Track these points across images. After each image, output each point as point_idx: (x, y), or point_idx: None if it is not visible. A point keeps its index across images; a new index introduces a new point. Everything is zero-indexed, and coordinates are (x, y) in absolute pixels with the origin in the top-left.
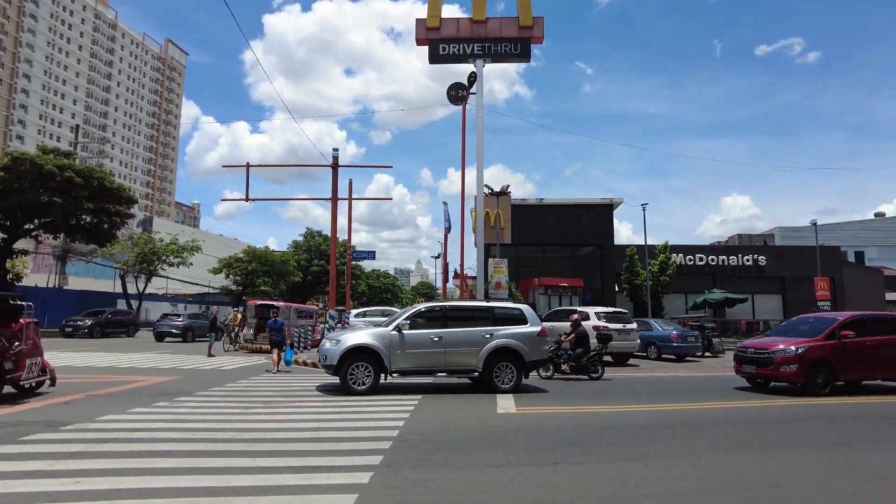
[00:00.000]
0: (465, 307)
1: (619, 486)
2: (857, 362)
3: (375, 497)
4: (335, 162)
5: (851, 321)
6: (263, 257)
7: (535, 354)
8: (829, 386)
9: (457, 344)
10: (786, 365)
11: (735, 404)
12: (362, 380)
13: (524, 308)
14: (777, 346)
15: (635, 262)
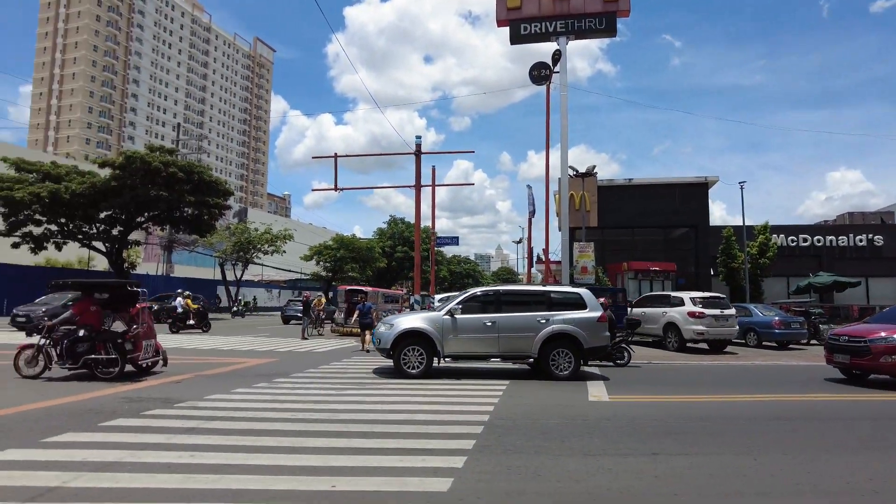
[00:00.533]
0: (519, 291)
1: (724, 480)
2: None
3: (471, 482)
4: (418, 149)
5: None
6: (350, 244)
7: (594, 341)
8: None
9: (510, 329)
10: (887, 355)
11: (840, 397)
12: (415, 363)
13: (583, 292)
14: (877, 333)
15: (732, 244)
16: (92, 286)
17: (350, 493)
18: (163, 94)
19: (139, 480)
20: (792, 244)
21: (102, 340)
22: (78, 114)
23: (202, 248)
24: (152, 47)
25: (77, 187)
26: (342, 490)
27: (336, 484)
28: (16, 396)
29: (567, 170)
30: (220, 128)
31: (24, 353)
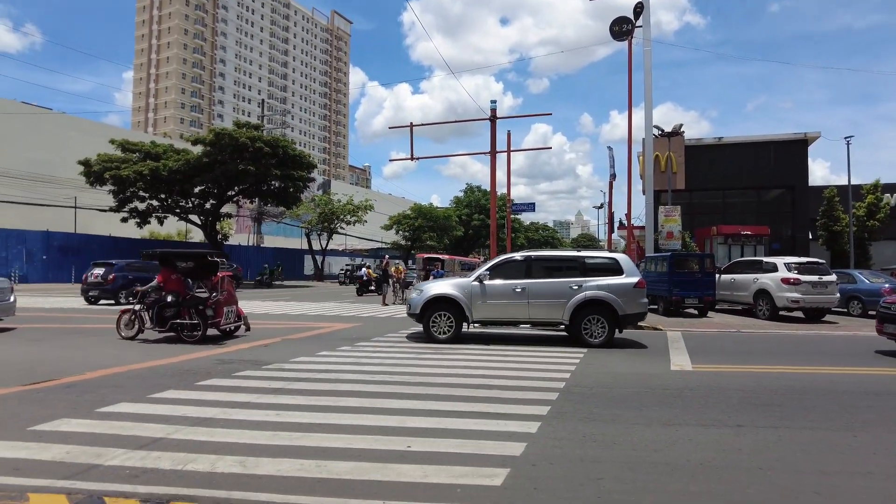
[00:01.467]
0: (552, 257)
1: (818, 457)
2: None
3: (544, 447)
4: (493, 114)
5: None
6: (428, 213)
7: (630, 307)
8: None
9: (541, 295)
10: None
11: None
12: (444, 328)
13: (620, 257)
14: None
15: (835, 206)
16: (175, 256)
17: (424, 454)
18: (247, 71)
19: (231, 436)
20: None
21: (187, 306)
22: (173, 95)
23: (289, 219)
24: (236, 27)
25: (174, 164)
26: (417, 450)
27: (412, 444)
28: (124, 356)
29: (651, 130)
30: (303, 102)
31: (123, 317)
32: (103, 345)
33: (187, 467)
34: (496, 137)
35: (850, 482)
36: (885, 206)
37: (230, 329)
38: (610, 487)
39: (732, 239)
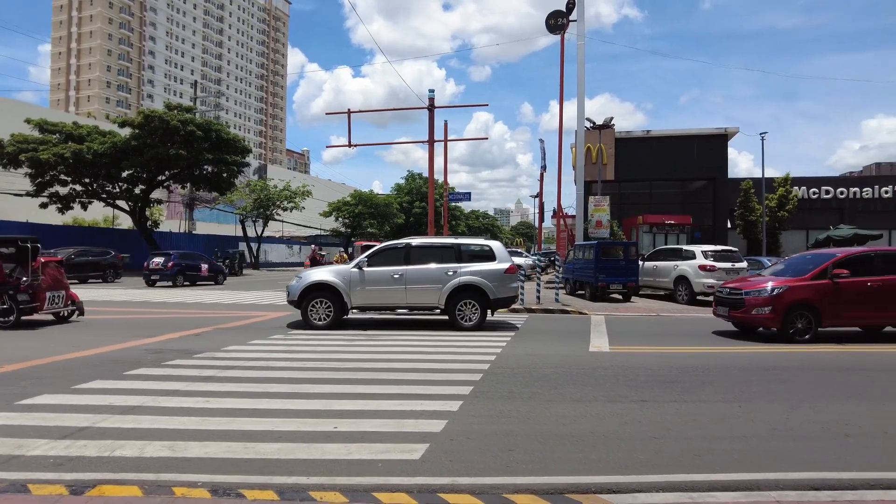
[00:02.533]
0: (430, 244)
1: (706, 425)
2: (852, 305)
3: (463, 424)
4: (431, 103)
5: (851, 258)
6: (369, 200)
7: (501, 292)
8: (812, 332)
9: (418, 281)
10: (758, 307)
11: (837, 349)
12: (322, 315)
13: (493, 244)
14: (754, 285)
15: (751, 197)
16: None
17: (349, 434)
18: (180, 50)
19: (160, 422)
20: (813, 196)
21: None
22: (97, 73)
23: (223, 205)
24: (167, 2)
25: (99, 147)
26: (343, 431)
27: (338, 425)
28: (45, 347)
29: (583, 122)
30: (238, 83)
31: None
32: (18, 337)
33: (115, 454)
34: (434, 126)
35: (728, 445)
36: (794, 198)
37: (64, 314)
38: (519, 458)
39: (657, 228)
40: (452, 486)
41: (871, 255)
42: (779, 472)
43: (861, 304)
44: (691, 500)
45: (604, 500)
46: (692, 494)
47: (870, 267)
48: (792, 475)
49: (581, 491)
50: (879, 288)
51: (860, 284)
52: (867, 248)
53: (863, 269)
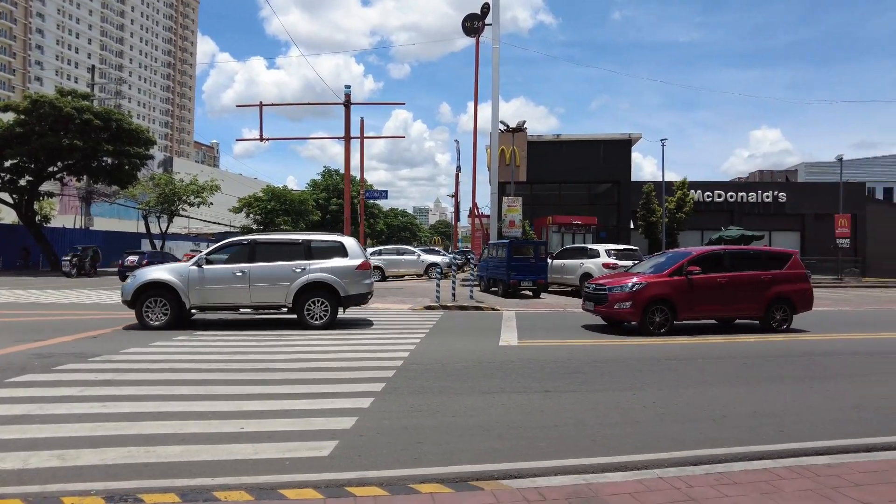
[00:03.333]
0: (276, 240)
1: (605, 412)
2: (704, 300)
3: (373, 420)
4: (347, 99)
5: (703, 256)
6: (282, 196)
7: (353, 289)
8: (668, 325)
9: (263, 279)
10: (620, 302)
11: (741, 339)
12: (158, 315)
13: (345, 240)
14: (617, 282)
15: (652, 199)
16: None
17: (257, 433)
18: (73, 30)
19: (48, 430)
20: (707, 199)
21: None
22: None
23: (124, 199)
24: None
25: None
26: (250, 431)
27: (245, 426)
28: None
29: (498, 125)
30: (142, 70)
31: None
32: None
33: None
34: (351, 122)
35: (622, 430)
36: (690, 200)
37: None
38: (427, 450)
39: (565, 228)
40: (360, 480)
41: (720, 253)
42: (664, 452)
43: (712, 298)
44: (586, 481)
45: (505, 486)
46: (587, 476)
47: (720, 264)
48: (675, 454)
49: (484, 478)
50: (727, 283)
51: (711, 281)
52: (718, 247)
53: (714, 267)
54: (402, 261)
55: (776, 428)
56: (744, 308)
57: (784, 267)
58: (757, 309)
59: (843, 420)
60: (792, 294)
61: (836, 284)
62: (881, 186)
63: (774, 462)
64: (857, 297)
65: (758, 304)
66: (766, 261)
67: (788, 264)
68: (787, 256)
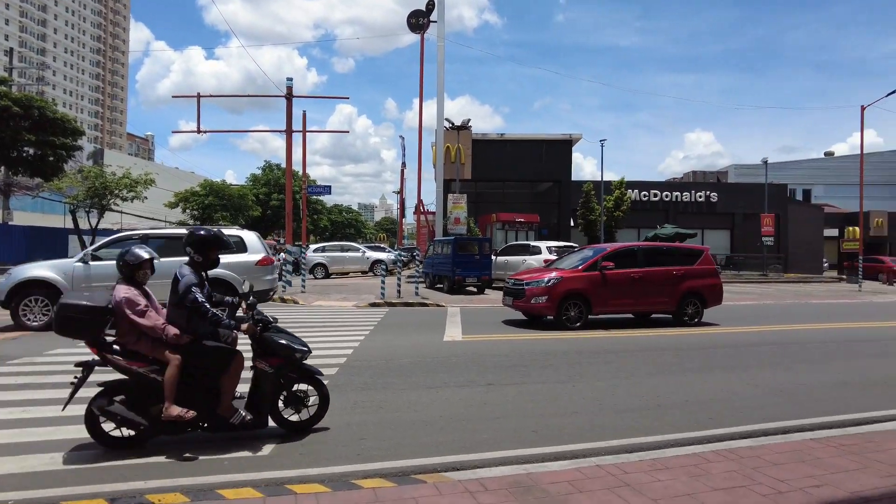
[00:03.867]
0: (168, 235)
1: (545, 404)
2: (618, 294)
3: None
4: (289, 92)
5: (618, 252)
6: (221, 191)
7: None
8: (583, 319)
9: (156, 276)
10: (536, 297)
11: (666, 332)
12: (38, 315)
13: (245, 234)
14: (535, 277)
15: (591, 198)
16: None
17: (196, 435)
18: None
19: None
20: (644, 198)
21: None
22: None
23: (49, 192)
24: None
25: None
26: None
27: None
28: None
29: (443, 122)
30: (68, 56)
31: None
32: None
33: None
34: (292, 116)
35: (561, 420)
36: (628, 199)
37: None
38: (370, 445)
39: (509, 225)
40: (301, 478)
41: (634, 249)
42: (601, 441)
43: (626, 293)
44: (526, 471)
45: (447, 478)
46: (527, 466)
47: (634, 260)
48: (612, 442)
49: (427, 471)
50: (641, 278)
51: (625, 276)
52: (632, 243)
53: (628, 262)
54: (346, 258)
55: (706, 415)
56: (657, 302)
57: (695, 263)
58: (669, 303)
59: (765, 405)
60: (702, 289)
61: (761, 280)
62: (801, 188)
63: (703, 447)
64: (779, 291)
65: (670, 298)
66: (679, 257)
67: (699, 260)
68: (698, 253)
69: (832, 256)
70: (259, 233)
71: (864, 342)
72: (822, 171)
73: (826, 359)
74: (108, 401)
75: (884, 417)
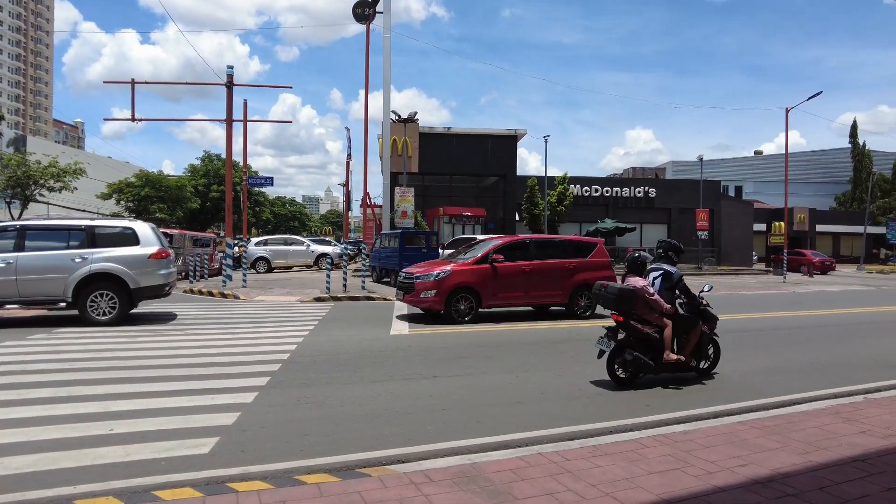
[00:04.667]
0: (52, 227)
1: (488, 395)
2: (508, 288)
3: (258, 415)
4: (230, 80)
5: (510, 244)
6: (157, 182)
7: (146, 280)
8: (473, 313)
9: (34, 270)
10: (425, 291)
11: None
12: None
13: (138, 226)
14: (424, 270)
15: (535, 193)
16: None
17: (128, 435)
18: None
19: None
20: (585, 194)
21: None
22: None
23: None
24: None
25: None
26: (120, 433)
27: (114, 427)
28: None
29: (389, 114)
30: None
31: None
32: None
33: None
34: (234, 105)
35: (505, 410)
36: (570, 195)
37: None
38: (314, 441)
39: (456, 219)
40: (243, 475)
41: (527, 242)
42: (543, 430)
43: (517, 285)
44: (471, 461)
45: (392, 471)
46: (471, 456)
47: (526, 253)
48: (553, 430)
49: (372, 465)
50: (532, 271)
51: (516, 268)
52: (526, 235)
53: (520, 255)
54: (290, 251)
55: (644, 402)
56: (548, 295)
57: (589, 255)
58: (562, 295)
59: (697, 391)
60: (594, 282)
61: (696, 272)
62: (733, 185)
63: (640, 433)
64: (714, 283)
65: (562, 290)
66: (573, 249)
67: (593, 253)
68: (592, 245)
69: (760, 250)
70: (199, 225)
71: (790, 330)
72: (752, 168)
73: (754, 346)
74: (622, 352)
75: (801, 399)
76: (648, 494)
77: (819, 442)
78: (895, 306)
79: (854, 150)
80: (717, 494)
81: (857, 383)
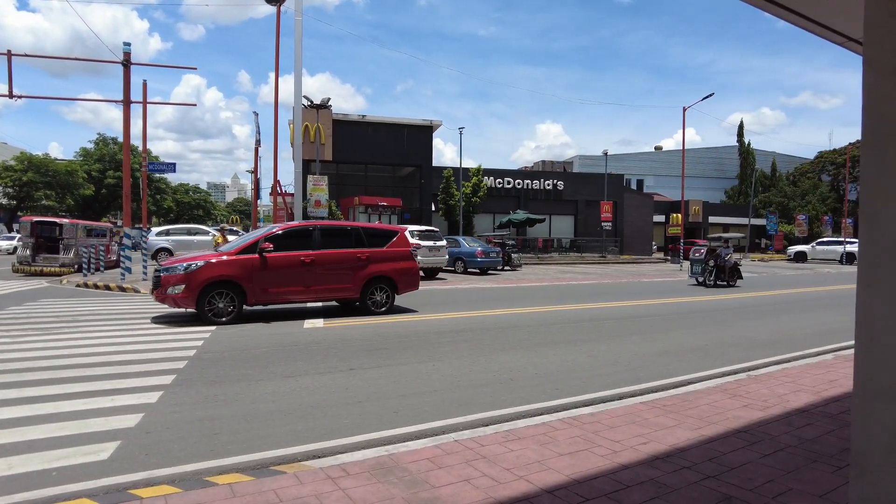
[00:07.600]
0: None
1: (406, 384)
2: (284, 282)
3: (163, 415)
4: (126, 59)
5: (288, 232)
6: (43, 166)
7: None
8: (235, 312)
9: None
10: (173, 286)
11: (539, 310)
12: None
13: None
14: (174, 262)
15: (451, 184)
16: None
17: (11, 445)
18: None
19: None
20: (499, 185)
21: None
22: None
23: None
24: None
25: None
26: (1, 443)
27: None
28: None
29: (301, 100)
30: None
31: None
32: None
33: None
34: (131, 85)
35: (422, 399)
36: (484, 186)
37: None
38: (225, 440)
39: (372, 209)
40: (148, 480)
41: (310, 229)
42: (459, 417)
43: (295, 279)
44: (388, 452)
45: (308, 466)
46: (388, 448)
47: (308, 241)
48: (468, 417)
49: (287, 461)
50: (314, 262)
51: (293, 259)
52: (311, 221)
53: (300, 244)
54: (194, 241)
55: (554, 386)
56: (336, 289)
57: (386, 245)
58: (352, 290)
59: (603, 374)
60: (393, 273)
61: (600, 261)
62: (635, 178)
63: (551, 416)
64: (617, 271)
65: (353, 284)
66: (367, 238)
67: (392, 242)
68: (391, 234)
69: (659, 240)
70: (94, 213)
71: (685, 315)
72: (653, 163)
73: (653, 330)
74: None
75: (695, 379)
76: (559, 475)
77: (710, 417)
78: (774, 291)
79: (741, 148)
80: (622, 472)
81: (740, 362)
